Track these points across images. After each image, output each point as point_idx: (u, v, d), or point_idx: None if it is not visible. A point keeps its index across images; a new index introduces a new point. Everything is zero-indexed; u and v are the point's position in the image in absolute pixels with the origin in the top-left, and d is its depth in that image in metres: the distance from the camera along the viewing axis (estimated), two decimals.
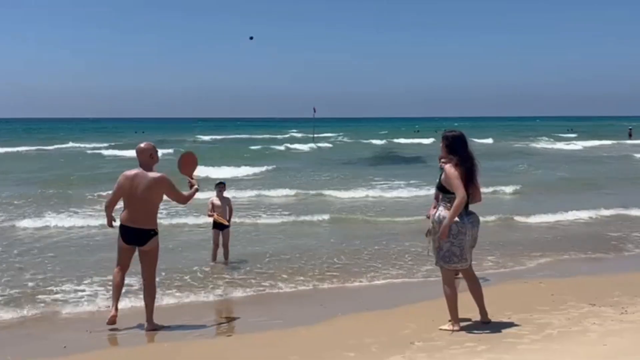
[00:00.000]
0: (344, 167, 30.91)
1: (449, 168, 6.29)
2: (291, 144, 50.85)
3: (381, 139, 60.06)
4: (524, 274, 9.56)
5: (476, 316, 6.80)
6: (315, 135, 60.61)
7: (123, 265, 7.28)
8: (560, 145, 51.04)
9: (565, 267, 10.10)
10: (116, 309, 7.16)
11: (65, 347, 6.66)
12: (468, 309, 6.82)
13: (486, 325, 6.60)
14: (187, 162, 7.77)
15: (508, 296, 7.96)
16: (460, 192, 6.19)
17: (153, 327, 7.12)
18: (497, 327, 6.55)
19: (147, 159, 7.19)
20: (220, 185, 10.77)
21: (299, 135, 71.02)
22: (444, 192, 6.39)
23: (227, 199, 10.84)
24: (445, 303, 6.62)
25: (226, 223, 10.52)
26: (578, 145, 50.78)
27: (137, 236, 7.11)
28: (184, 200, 7.43)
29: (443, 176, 6.38)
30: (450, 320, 6.54)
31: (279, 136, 67.70)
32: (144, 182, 7.05)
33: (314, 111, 54.25)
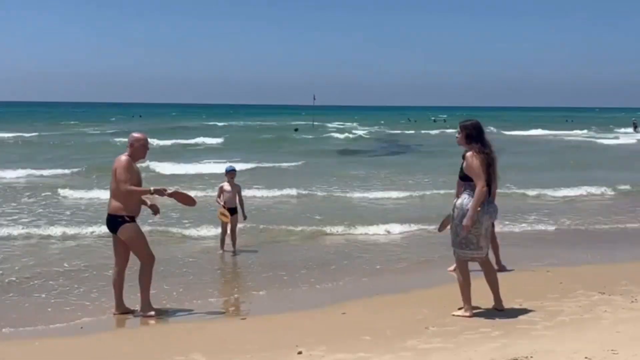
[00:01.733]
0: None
1: (471, 157, 6.34)
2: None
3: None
4: (526, 261, 9.61)
5: (487, 303, 6.88)
6: (316, 123, 60.42)
7: (117, 260, 7.11)
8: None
9: (568, 255, 10.18)
10: (116, 307, 7.13)
11: (82, 327, 6.76)
12: (480, 295, 6.89)
13: (499, 312, 6.67)
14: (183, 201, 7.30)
15: (517, 284, 8.02)
16: (480, 182, 6.25)
17: (144, 312, 7.01)
18: (509, 314, 6.63)
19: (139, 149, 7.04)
20: (231, 172, 10.73)
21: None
22: (466, 180, 6.44)
23: (238, 186, 10.81)
24: (457, 288, 6.71)
25: (225, 220, 10.40)
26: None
27: (109, 222, 6.98)
28: (123, 187, 6.77)
29: (465, 165, 6.43)
30: (462, 307, 6.61)
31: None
32: (113, 166, 6.96)
33: (314, 99, 54.17)
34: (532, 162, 26.69)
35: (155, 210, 7.16)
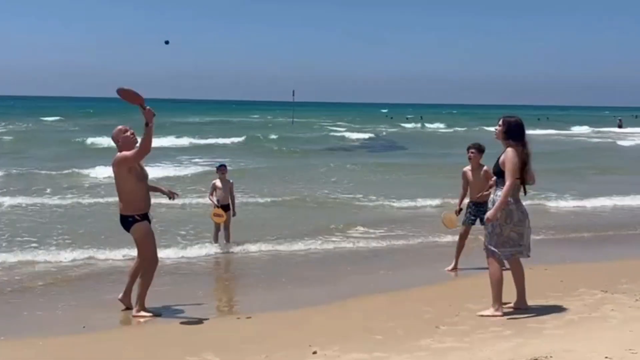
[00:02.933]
0: None
1: (511, 152, 6.32)
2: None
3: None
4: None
5: (482, 305, 6.88)
6: (295, 120, 60.16)
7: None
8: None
9: (561, 253, 10.26)
10: (124, 294, 7.10)
11: (84, 327, 6.62)
12: (483, 294, 6.91)
13: (513, 311, 6.64)
14: (127, 96, 6.71)
15: None
16: (511, 178, 6.25)
17: (137, 312, 6.88)
18: (517, 312, 6.63)
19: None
20: (222, 168, 10.65)
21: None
22: (500, 176, 6.42)
23: (230, 182, 10.73)
24: (455, 287, 6.71)
25: (219, 220, 10.34)
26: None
27: (122, 222, 6.89)
28: (143, 147, 6.57)
29: (502, 159, 6.40)
30: (493, 306, 6.57)
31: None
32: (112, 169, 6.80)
33: (293, 94, 53.98)
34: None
35: (171, 195, 7.21)
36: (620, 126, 63.05)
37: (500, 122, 6.48)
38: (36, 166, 21.54)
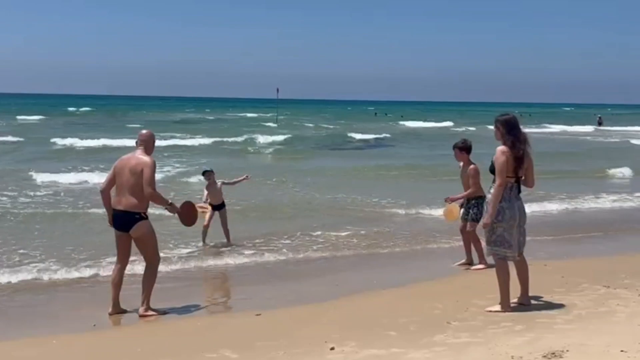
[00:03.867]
0: None
1: (499, 151, 6.38)
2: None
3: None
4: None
5: (495, 298, 6.99)
6: (279, 117, 59.87)
7: (120, 257, 7.00)
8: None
9: (558, 248, 10.42)
10: (113, 306, 6.96)
11: (94, 325, 6.61)
12: (488, 290, 7.01)
13: (521, 306, 6.73)
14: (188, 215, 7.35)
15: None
16: (500, 178, 6.30)
17: (145, 312, 6.85)
18: (525, 308, 6.73)
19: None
20: (208, 173, 10.60)
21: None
22: (494, 174, 6.48)
23: (220, 182, 10.72)
24: (460, 281, 6.80)
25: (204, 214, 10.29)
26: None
27: (122, 219, 6.82)
28: (148, 189, 6.69)
29: (494, 157, 6.46)
30: (500, 303, 6.65)
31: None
32: (133, 162, 6.78)
33: (277, 92, 53.71)
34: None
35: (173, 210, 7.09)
36: (600, 123, 63.43)
37: (494, 122, 6.52)
38: None
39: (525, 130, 6.68)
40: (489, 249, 6.64)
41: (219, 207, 10.52)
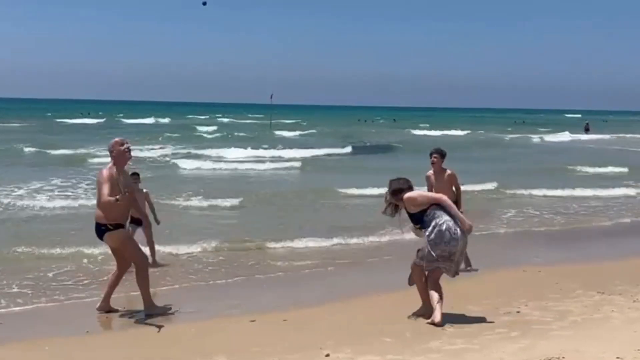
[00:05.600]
0: None
1: None
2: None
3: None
4: (510, 261, 9.80)
5: (490, 303, 6.99)
6: (273, 122, 59.49)
7: (118, 263, 7.14)
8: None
9: (550, 254, 10.45)
10: (102, 303, 7.12)
11: (87, 331, 6.56)
12: (483, 295, 6.99)
13: (508, 313, 6.73)
14: None
15: (513, 284, 8.17)
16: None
17: (147, 313, 6.97)
18: (520, 314, 6.73)
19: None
20: (134, 176, 9.15)
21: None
22: None
23: (144, 192, 9.62)
24: (453, 289, 6.93)
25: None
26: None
27: (95, 230, 6.92)
28: (102, 199, 6.63)
29: None
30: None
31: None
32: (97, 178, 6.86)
33: (271, 97, 53.67)
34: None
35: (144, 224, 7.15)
36: (587, 129, 62.25)
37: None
38: None
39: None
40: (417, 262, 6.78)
41: (137, 221, 8.74)
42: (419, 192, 6.93)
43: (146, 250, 8.66)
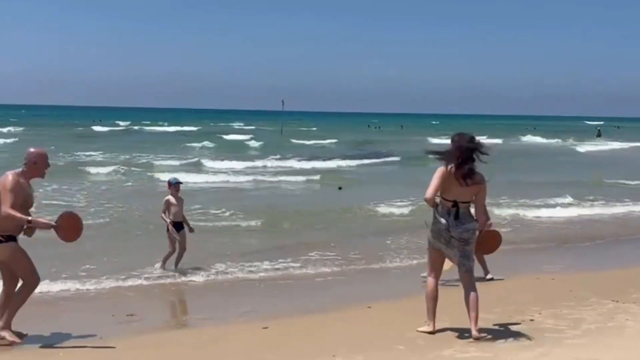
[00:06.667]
0: None
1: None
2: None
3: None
4: (523, 269, 9.76)
5: (501, 312, 6.97)
6: (284, 128, 59.67)
7: (4, 281, 6.35)
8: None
9: (564, 261, 10.41)
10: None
11: (101, 337, 6.59)
12: (494, 304, 7.00)
13: (530, 321, 6.71)
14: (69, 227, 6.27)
15: (526, 292, 8.14)
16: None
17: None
18: (534, 322, 6.70)
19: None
20: (177, 185, 9.71)
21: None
22: None
23: (182, 199, 9.84)
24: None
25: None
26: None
27: None
28: (3, 208, 5.95)
29: None
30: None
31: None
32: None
33: (282, 104, 53.95)
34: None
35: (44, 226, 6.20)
36: (599, 135, 63.99)
37: None
38: None
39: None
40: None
41: (178, 226, 9.57)
42: None
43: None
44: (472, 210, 6.26)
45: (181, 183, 9.99)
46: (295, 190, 20.61)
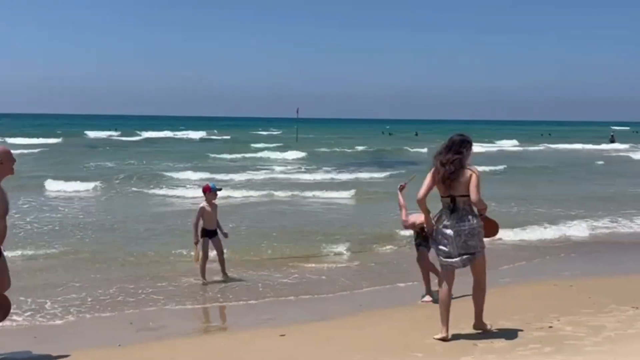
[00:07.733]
0: None
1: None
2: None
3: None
4: (538, 275, 9.70)
5: (521, 319, 6.91)
6: (299, 136, 59.37)
7: None
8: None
9: (581, 267, 10.32)
10: None
11: (119, 345, 6.62)
12: (513, 311, 6.90)
13: (546, 328, 6.64)
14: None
15: (547, 299, 8.05)
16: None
17: None
18: (553, 329, 6.63)
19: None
20: (215, 192, 9.52)
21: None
22: None
23: (216, 205, 9.59)
24: (487, 303, 6.69)
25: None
26: None
27: None
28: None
29: None
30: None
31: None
32: None
33: (297, 112, 53.93)
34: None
35: None
36: (612, 141, 62.10)
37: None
38: None
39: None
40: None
41: (211, 233, 9.41)
42: None
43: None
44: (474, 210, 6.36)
45: (220, 189, 9.74)
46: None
